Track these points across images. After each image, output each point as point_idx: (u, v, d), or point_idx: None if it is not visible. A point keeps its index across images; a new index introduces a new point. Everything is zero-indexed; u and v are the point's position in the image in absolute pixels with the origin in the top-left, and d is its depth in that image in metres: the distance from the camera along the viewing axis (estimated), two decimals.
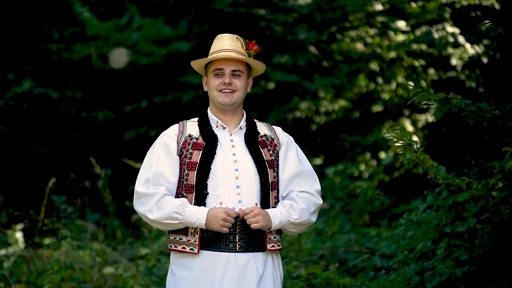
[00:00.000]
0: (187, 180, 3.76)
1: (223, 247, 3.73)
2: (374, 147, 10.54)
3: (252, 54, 3.88)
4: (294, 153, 3.89)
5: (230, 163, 3.77)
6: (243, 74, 3.83)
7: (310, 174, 3.88)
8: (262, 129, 3.91)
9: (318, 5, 10.70)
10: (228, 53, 3.79)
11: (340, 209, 9.23)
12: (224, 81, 3.80)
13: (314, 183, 3.88)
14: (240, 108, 3.89)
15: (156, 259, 7.56)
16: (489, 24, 5.02)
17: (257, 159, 3.79)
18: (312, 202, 3.85)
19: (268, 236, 3.78)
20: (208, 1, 10.75)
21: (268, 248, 3.77)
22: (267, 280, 3.77)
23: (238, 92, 3.82)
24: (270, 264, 3.80)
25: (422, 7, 10.20)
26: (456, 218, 5.47)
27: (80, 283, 6.71)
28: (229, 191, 3.75)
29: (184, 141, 3.80)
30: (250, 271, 3.73)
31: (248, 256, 3.74)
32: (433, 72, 10.31)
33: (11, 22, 11.10)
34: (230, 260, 3.72)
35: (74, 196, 9.31)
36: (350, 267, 6.25)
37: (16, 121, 11.06)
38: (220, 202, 3.74)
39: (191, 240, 3.75)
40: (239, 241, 3.74)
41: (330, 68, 10.81)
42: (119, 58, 10.83)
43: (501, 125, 4.43)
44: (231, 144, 3.82)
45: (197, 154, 3.78)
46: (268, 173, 3.78)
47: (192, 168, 3.75)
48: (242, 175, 3.76)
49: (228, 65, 3.81)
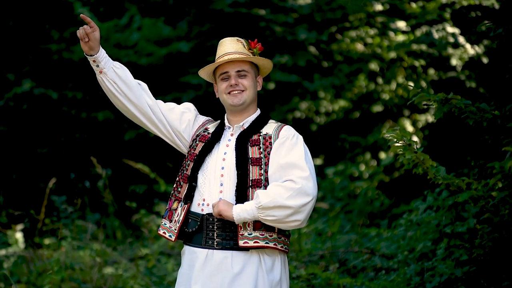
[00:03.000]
0: (187, 170, 3.84)
1: (203, 243, 3.75)
2: (374, 147, 10.54)
3: (257, 52, 3.89)
4: (285, 148, 3.76)
5: (219, 161, 3.80)
6: (248, 73, 3.85)
7: (298, 163, 3.70)
8: (268, 128, 3.87)
9: (318, 5, 10.71)
10: (229, 56, 3.82)
11: (340, 210, 9.23)
12: (231, 83, 3.83)
13: (301, 170, 3.68)
14: (251, 107, 3.89)
15: (156, 259, 7.57)
16: (489, 24, 5.02)
17: (240, 156, 3.76)
18: (288, 187, 3.64)
19: (241, 232, 3.70)
20: (208, 1, 10.75)
21: (241, 245, 3.69)
22: (245, 280, 3.69)
23: (247, 91, 3.84)
24: (254, 264, 3.71)
25: (422, 8, 10.21)
26: (456, 219, 5.48)
27: (80, 284, 6.71)
28: (213, 188, 3.78)
29: (198, 134, 3.91)
30: (224, 269, 3.70)
31: (225, 253, 3.71)
32: (433, 72, 10.31)
33: (11, 22, 11.09)
34: (208, 256, 3.74)
35: (74, 196, 9.31)
36: (350, 268, 6.25)
37: (16, 122, 11.06)
38: (203, 198, 3.78)
39: (172, 227, 3.83)
40: (217, 238, 3.74)
41: (330, 68, 10.82)
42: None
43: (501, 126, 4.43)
44: (226, 144, 3.84)
45: (200, 146, 3.86)
46: (248, 170, 3.72)
47: (191, 159, 3.84)
48: (226, 173, 3.77)
49: (232, 67, 3.84)
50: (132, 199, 10.25)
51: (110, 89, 3.85)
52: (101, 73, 3.83)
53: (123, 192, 10.47)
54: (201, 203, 3.78)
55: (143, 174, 9.51)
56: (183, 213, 3.79)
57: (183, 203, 3.81)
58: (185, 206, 3.80)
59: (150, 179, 9.82)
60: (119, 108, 3.94)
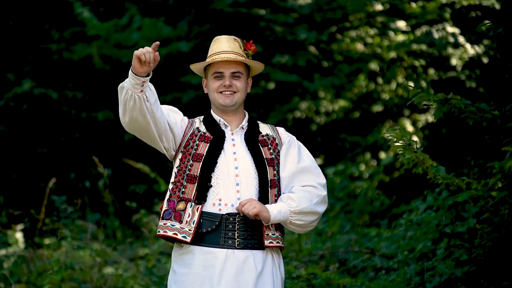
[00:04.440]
0: (190, 170, 3.77)
1: (222, 243, 3.74)
2: (374, 147, 10.54)
3: (250, 54, 3.89)
4: (295, 151, 3.89)
5: (230, 161, 3.79)
6: (242, 75, 3.85)
7: (313, 169, 3.88)
8: (265, 129, 3.94)
9: (318, 5, 10.71)
10: (227, 55, 3.81)
11: (340, 209, 9.23)
12: (224, 83, 3.82)
13: (318, 177, 3.87)
14: (241, 109, 3.92)
15: (156, 259, 7.57)
16: (489, 24, 5.02)
17: (256, 157, 3.80)
18: (314, 193, 3.83)
19: (266, 232, 3.78)
20: (208, 1, 10.75)
21: (266, 245, 3.77)
22: (266, 278, 3.77)
23: (239, 93, 3.84)
24: (269, 262, 3.80)
25: (422, 7, 10.21)
26: (456, 218, 5.48)
27: (80, 283, 6.71)
28: (229, 188, 3.76)
29: (192, 133, 3.84)
30: (249, 268, 3.74)
31: (247, 253, 3.75)
32: (433, 72, 10.31)
33: (11, 22, 11.10)
34: (229, 256, 3.73)
35: (74, 196, 9.31)
36: (350, 267, 6.25)
37: (16, 121, 11.06)
38: (219, 198, 3.76)
39: (185, 228, 3.73)
40: (238, 238, 3.75)
41: (330, 68, 10.82)
42: None
43: (500, 125, 4.43)
44: (232, 143, 3.84)
45: (203, 146, 3.81)
46: (267, 171, 3.80)
47: (197, 159, 3.77)
48: (241, 172, 3.78)
49: (228, 67, 3.82)
50: (132, 199, 10.25)
51: (143, 106, 3.65)
52: (141, 92, 3.63)
53: (123, 192, 10.47)
54: (217, 203, 3.76)
55: (143, 174, 9.51)
56: (198, 213, 3.73)
57: (193, 204, 3.75)
58: (198, 207, 3.74)
59: (150, 179, 9.82)
60: (137, 124, 3.71)
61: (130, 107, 3.64)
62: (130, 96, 3.62)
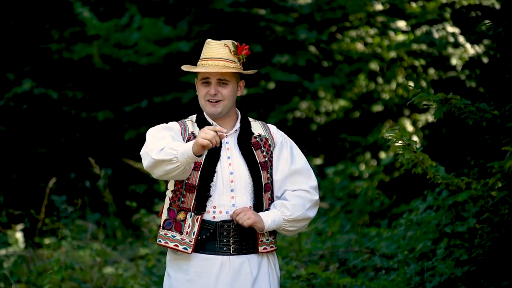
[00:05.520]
0: (189, 179, 3.74)
1: (217, 250, 3.73)
2: (374, 147, 10.54)
3: (242, 58, 3.82)
4: (288, 151, 3.87)
5: (225, 167, 3.77)
6: (229, 82, 3.79)
7: (305, 171, 3.86)
8: (257, 129, 3.90)
9: (318, 5, 10.71)
10: (214, 62, 3.76)
11: (340, 209, 9.23)
12: (210, 91, 3.77)
13: (309, 179, 3.86)
14: (232, 111, 3.86)
15: (156, 259, 7.57)
16: (489, 24, 5.02)
17: (250, 162, 3.78)
18: (306, 198, 3.82)
19: (260, 238, 3.79)
20: (208, 1, 10.75)
21: (260, 251, 3.79)
22: (262, 280, 3.78)
23: (225, 101, 3.78)
24: (265, 264, 3.82)
25: (422, 7, 10.21)
26: (456, 218, 5.48)
27: (80, 283, 6.71)
28: (224, 195, 3.75)
29: (188, 139, 3.78)
30: (244, 273, 3.74)
31: (242, 258, 3.76)
32: (433, 72, 10.31)
33: (11, 22, 11.10)
34: (224, 263, 3.73)
35: (74, 196, 9.32)
36: (350, 267, 6.25)
37: (16, 121, 11.07)
38: (213, 206, 3.75)
39: (185, 240, 3.72)
40: (233, 244, 3.75)
41: (330, 68, 10.82)
42: None
43: (500, 125, 4.43)
44: (226, 147, 3.81)
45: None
46: (261, 175, 3.78)
47: (195, 168, 3.73)
48: (236, 178, 3.76)
49: (214, 74, 3.77)
50: (132, 199, 10.25)
51: (185, 172, 3.62)
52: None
53: (123, 192, 10.48)
54: (212, 211, 3.74)
55: (143, 174, 9.51)
56: (198, 224, 3.72)
57: (193, 214, 3.73)
58: (198, 217, 3.72)
59: (150, 179, 9.82)
60: (171, 177, 3.67)
61: (173, 175, 3.60)
62: (180, 168, 3.57)
